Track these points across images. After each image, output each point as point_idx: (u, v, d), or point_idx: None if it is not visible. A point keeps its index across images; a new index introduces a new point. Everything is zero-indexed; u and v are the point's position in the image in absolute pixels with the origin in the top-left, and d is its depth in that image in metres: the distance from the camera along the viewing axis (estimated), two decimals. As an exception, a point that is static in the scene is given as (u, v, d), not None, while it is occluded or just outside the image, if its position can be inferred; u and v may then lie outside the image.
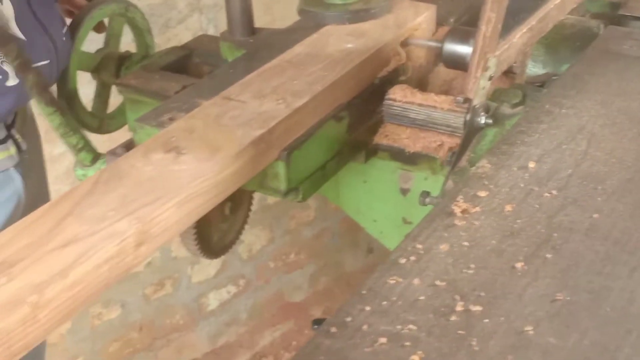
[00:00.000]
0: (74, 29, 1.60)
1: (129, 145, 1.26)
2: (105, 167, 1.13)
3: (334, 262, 3.34)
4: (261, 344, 3.10)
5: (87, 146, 1.36)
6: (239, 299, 3.04)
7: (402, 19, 1.51)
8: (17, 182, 1.54)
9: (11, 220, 1.53)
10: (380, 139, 1.43)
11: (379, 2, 1.52)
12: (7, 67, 1.39)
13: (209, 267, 2.88)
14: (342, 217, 3.19)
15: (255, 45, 1.51)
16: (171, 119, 1.24)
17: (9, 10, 1.39)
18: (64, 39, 1.52)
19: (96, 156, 1.36)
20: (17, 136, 1.54)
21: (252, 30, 1.56)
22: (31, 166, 1.61)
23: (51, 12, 1.50)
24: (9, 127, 1.52)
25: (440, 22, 1.56)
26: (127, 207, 1.02)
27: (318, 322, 1.59)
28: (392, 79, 1.43)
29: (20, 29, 1.41)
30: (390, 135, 1.43)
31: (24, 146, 1.55)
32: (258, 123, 1.20)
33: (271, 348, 3.12)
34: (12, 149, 1.52)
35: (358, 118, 1.37)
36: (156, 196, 1.04)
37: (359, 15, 1.50)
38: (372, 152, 1.44)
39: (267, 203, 2.95)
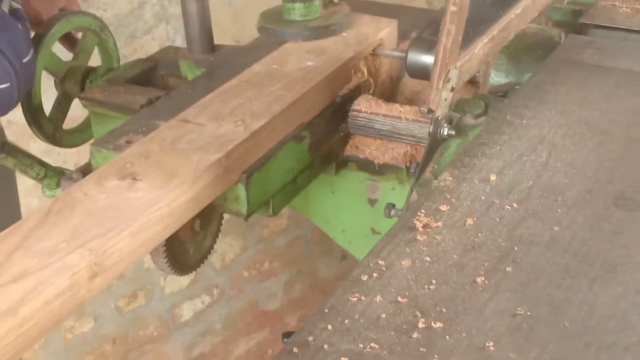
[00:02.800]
0: (46, 29, 1.59)
1: (85, 170, 1.24)
2: (58, 196, 1.10)
3: (308, 269, 3.34)
4: (236, 353, 3.10)
5: (49, 172, 1.35)
6: (213, 308, 3.03)
7: (363, 35, 1.50)
8: None
9: None
10: (350, 150, 1.44)
11: (339, 18, 1.52)
12: None
13: (182, 277, 2.87)
14: (315, 225, 3.18)
15: (214, 63, 1.50)
16: (128, 142, 1.22)
17: None
18: (27, 60, 1.51)
19: (59, 180, 1.35)
20: None
21: (211, 48, 1.55)
22: (0, 183, 1.60)
23: (10, 36, 1.48)
24: None
25: (402, 37, 1.56)
26: (79, 239, 0.99)
27: (288, 335, 1.59)
28: (354, 97, 1.43)
29: None
30: (360, 146, 1.44)
31: None
32: (215, 147, 1.18)
33: (247, 357, 3.11)
34: None
35: (320, 137, 1.37)
36: (110, 226, 1.02)
37: (319, 32, 1.50)
38: (343, 163, 1.44)
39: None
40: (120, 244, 1.01)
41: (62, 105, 1.71)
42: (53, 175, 1.35)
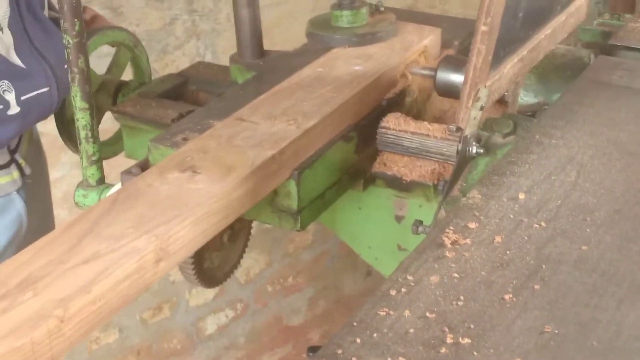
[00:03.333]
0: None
1: (143, 165, 1.28)
2: (122, 187, 1.17)
3: (332, 285, 3.34)
4: (259, 367, 3.11)
5: (100, 162, 1.36)
6: (237, 322, 3.05)
7: (408, 42, 1.55)
8: (19, 206, 1.55)
9: (12, 244, 1.55)
10: (378, 167, 1.46)
11: (385, 25, 1.56)
12: (8, 97, 1.41)
13: (207, 291, 2.89)
14: (340, 241, 3.19)
15: (264, 67, 1.55)
16: (185, 139, 1.27)
17: (8, 39, 1.41)
18: (66, 67, 1.54)
19: (102, 178, 1.37)
20: (21, 160, 1.56)
21: (261, 53, 1.59)
22: (35, 191, 1.63)
23: (51, 41, 1.52)
24: (12, 152, 1.54)
25: (445, 45, 1.59)
26: (145, 225, 1.05)
27: (313, 349, 1.60)
28: (398, 101, 1.47)
29: (19, 57, 1.43)
30: (388, 163, 1.45)
31: (27, 171, 1.57)
32: (269, 144, 1.24)
33: (270, 372, 3.12)
34: (15, 174, 1.53)
35: (366, 139, 1.41)
36: (173, 215, 1.07)
37: (365, 39, 1.55)
38: (371, 180, 1.46)
39: (266, 226, 2.97)
40: (182, 232, 1.07)
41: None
42: (100, 168, 1.35)
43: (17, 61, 1.43)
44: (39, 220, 1.63)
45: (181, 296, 2.83)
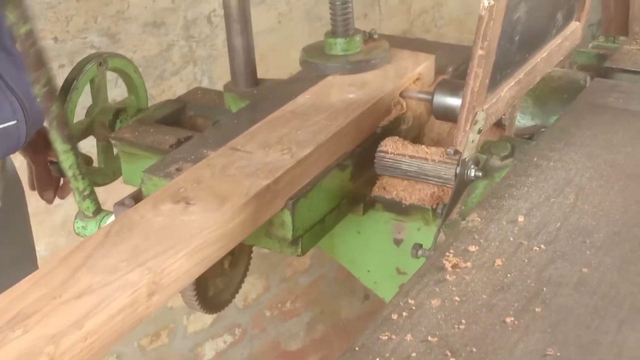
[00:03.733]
0: (79, 71, 1.62)
1: (136, 196, 1.28)
2: (116, 219, 1.16)
3: (330, 309, 3.34)
4: (258, 393, 3.09)
5: (93, 194, 1.36)
6: (235, 348, 3.04)
7: (402, 69, 1.55)
8: None
9: None
10: (377, 191, 1.46)
11: (379, 52, 1.57)
12: None
13: (205, 316, 2.88)
14: (338, 265, 3.20)
15: (258, 96, 1.55)
16: (178, 170, 1.27)
17: None
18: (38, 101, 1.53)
19: (98, 208, 1.37)
20: None
21: (255, 81, 1.60)
22: (10, 224, 1.60)
23: (21, 76, 1.50)
24: None
25: (439, 72, 1.60)
26: (139, 258, 1.04)
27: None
28: (393, 128, 1.47)
29: None
30: (387, 187, 1.46)
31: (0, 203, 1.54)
32: (264, 173, 1.23)
33: (268, 397, 3.11)
34: None
35: (361, 166, 1.41)
36: (166, 247, 1.07)
37: (360, 66, 1.55)
38: (370, 204, 1.47)
39: (263, 251, 2.96)
40: (177, 264, 1.06)
41: (106, 150, 1.74)
42: (94, 200, 1.36)
43: None
44: (16, 252, 1.61)
45: (179, 322, 2.82)
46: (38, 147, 1.68)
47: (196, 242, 1.09)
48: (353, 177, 1.40)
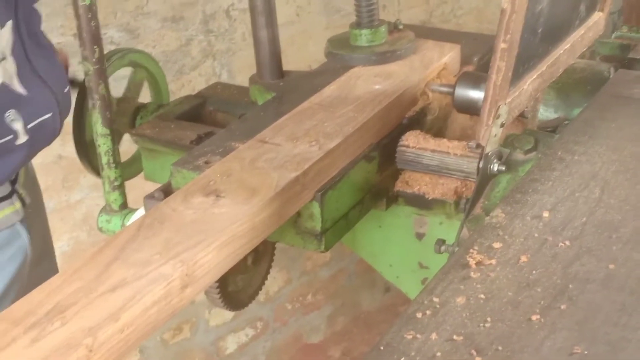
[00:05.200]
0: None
1: (166, 189, 1.28)
2: (147, 212, 1.17)
3: (351, 302, 3.33)
4: (280, 386, 3.09)
5: (123, 187, 1.37)
6: (257, 341, 3.04)
7: (428, 60, 1.54)
8: (23, 237, 1.55)
9: (18, 277, 1.54)
10: (400, 186, 1.45)
11: (404, 43, 1.56)
12: (16, 126, 1.41)
13: (227, 311, 2.88)
14: (358, 258, 3.19)
15: (284, 87, 1.55)
16: (207, 163, 1.27)
17: (11, 66, 1.41)
18: (65, 91, 1.54)
19: (125, 203, 1.37)
20: (22, 191, 1.55)
21: (281, 73, 1.59)
22: (34, 221, 1.62)
23: (51, 67, 1.52)
24: (12, 182, 1.53)
25: (464, 62, 1.58)
26: (171, 251, 1.05)
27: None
28: (419, 119, 1.47)
29: (22, 84, 1.43)
30: (410, 182, 1.44)
31: (27, 200, 1.56)
32: (292, 165, 1.23)
33: (290, 390, 3.11)
34: (17, 204, 1.52)
35: (387, 158, 1.40)
36: (198, 239, 1.07)
37: (385, 57, 1.54)
38: (393, 199, 1.46)
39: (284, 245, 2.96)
40: (208, 257, 1.06)
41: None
42: (123, 194, 1.36)
43: (20, 89, 1.42)
44: (39, 250, 1.62)
45: (201, 316, 2.83)
46: None
47: (227, 234, 1.09)
48: (380, 168, 1.39)
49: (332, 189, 1.28)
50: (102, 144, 1.32)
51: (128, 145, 1.70)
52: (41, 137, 1.48)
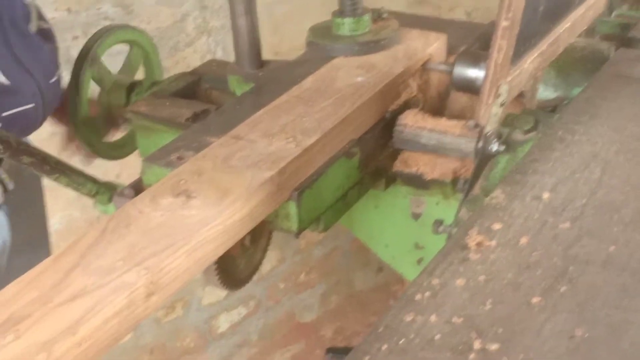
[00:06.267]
0: (93, 41, 1.61)
1: (136, 186, 1.24)
2: (113, 214, 1.10)
3: (344, 281, 3.33)
4: (272, 365, 3.10)
5: (101, 189, 1.37)
6: (249, 320, 3.04)
7: (412, 50, 1.49)
8: (1, 223, 1.52)
9: None
10: (399, 166, 1.42)
11: (388, 33, 1.50)
12: None
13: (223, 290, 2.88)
14: (352, 236, 3.17)
15: (263, 78, 1.50)
16: (179, 158, 1.21)
17: None
18: (52, 81, 1.51)
19: (112, 192, 1.36)
20: (4, 175, 1.52)
21: (260, 63, 1.54)
22: (20, 207, 1.59)
23: (37, 57, 1.49)
24: None
25: (451, 52, 1.54)
26: (136, 257, 0.99)
27: (332, 350, 1.58)
28: (403, 112, 1.42)
29: (3, 74, 1.40)
30: (409, 161, 1.42)
31: (10, 186, 1.53)
32: (267, 164, 1.17)
33: (283, 369, 3.11)
34: None
35: (369, 154, 1.36)
36: (165, 244, 1.01)
37: (368, 47, 1.48)
38: (392, 179, 1.43)
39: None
40: (175, 263, 1.00)
41: (107, 117, 1.73)
42: (105, 191, 1.37)
43: (1, 77, 1.40)
44: (27, 234, 1.60)
45: (194, 294, 2.82)
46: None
47: (196, 239, 1.03)
48: (361, 165, 1.34)
49: (309, 187, 1.22)
50: (59, 183, 1.38)
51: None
52: (19, 127, 1.45)
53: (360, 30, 1.50)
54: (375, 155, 1.37)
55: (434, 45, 1.50)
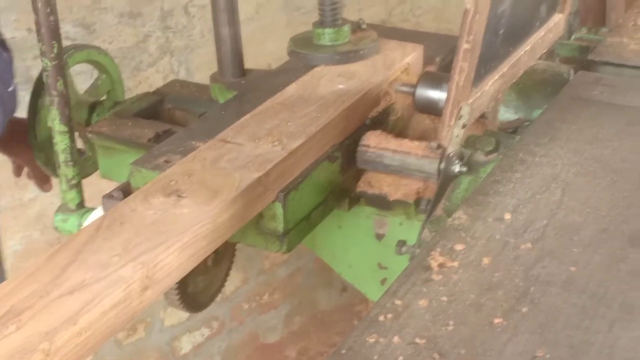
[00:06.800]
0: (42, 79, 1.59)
1: (125, 189, 1.25)
2: (106, 212, 1.14)
3: (308, 301, 3.32)
4: (236, 387, 3.07)
5: (80, 186, 1.34)
6: (212, 341, 3.01)
7: (391, 60, 1.53)
8: None
9: None
10: (363, 186, 1.44)
11: (367, 43, 1.55)
12: None
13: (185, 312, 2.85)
14: (315, 257, 3.17)
15: (246, 86, 1.52)
16: (167, 162, 1.25)
17: None
18: (11, 90, 1.50)
19: (82, 202, 1.34)
20: None
21: (242, 72, 1.57)
22: None
23: None
24: None
25: (427, 62, 1.58)
26: (131, 253, 1.03)
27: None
28: (382, 119, 1.45)
29: None
30: (373, 182, 1.43)
31: None
32: (255, 166, 1.22)
33: (246, 391, 3.08)
34: None
35: (350, 158, 1.39)
36: (159, 241, 1.05)
37: (348, 57, 1.53)
38: (355, 199, 1.45)
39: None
40: (169, 258, 1.04)
41: None
42: (80, 192, 1.34)
43: None
44: None
45: (156, 316, 2.79)
46: (23, 150, 1.67)
47: (188, 236, 1.07)
48: (342, 169, 1.38)
49: (294, 189, 1.26)
50: (60, 142, 1.29)
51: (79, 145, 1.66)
52: None
53: (340, 40, 1.54)
54: (355, 160, 1.40)
55: (411, 56, 1.55)
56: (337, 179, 1.38)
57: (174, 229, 1.07)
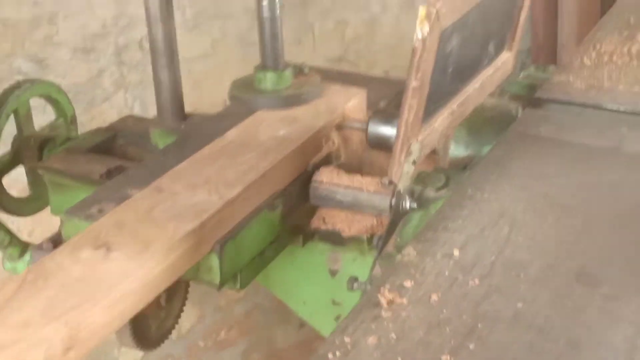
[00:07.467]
0: (4, 96, 1.57)
1: (55, 239, 1.22)
2: (31, 267, 1.09)
3: (265, 338, 3.29)
4: None
5: (14, 240, 1.33)
6: (168, 380, 2.97)
7: (334, 104, 1.52)
8: None
9: None
10: (317, 223, 1.43)
11: (310, 87, 1.53)
12: None
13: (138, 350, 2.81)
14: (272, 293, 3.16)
15: (186, 131, 1.50)
16: (100, 211, 1.21)
17: None
18: None
19: (24, 248, 1.33)
20: None
21: (182, 116, 1.55)
22: None
23: None
24: None
25: (371, 107, 1.58)
26: (54, 311, 0.98)
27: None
28: (324, 165, 1.44)
29: None
30: (327, 218, 1.43)
31: None
32: (190, 216, 1.18)
33: None
34: None
35: (292, 206, 1.37)
36: (84, 298, 1.01)
37: (290, 101, 1.51)
38: (310, 235, 1.44)
39: (197, 280, 2.91)
40: (95, 317, 1.00)
41: (35, 180, 1.68)
42: (17, 244, 1.33)
43: None
44: None
45: (110, 355, 2.75)
46: None
47: (116, 292, 1.03)
48: (283, 217, 1.35)
49: (232, 239, 1.23)
50: None
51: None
52: None
53: (283, 84, 1.53)
54: (297, 208, 1.38)
55: (354, 99, 1.54)
56: (278, 227, 1.35)
57: (101, 285, 1.03)
